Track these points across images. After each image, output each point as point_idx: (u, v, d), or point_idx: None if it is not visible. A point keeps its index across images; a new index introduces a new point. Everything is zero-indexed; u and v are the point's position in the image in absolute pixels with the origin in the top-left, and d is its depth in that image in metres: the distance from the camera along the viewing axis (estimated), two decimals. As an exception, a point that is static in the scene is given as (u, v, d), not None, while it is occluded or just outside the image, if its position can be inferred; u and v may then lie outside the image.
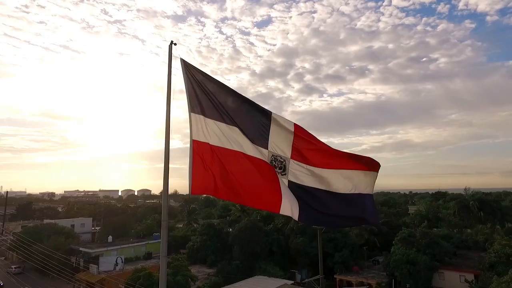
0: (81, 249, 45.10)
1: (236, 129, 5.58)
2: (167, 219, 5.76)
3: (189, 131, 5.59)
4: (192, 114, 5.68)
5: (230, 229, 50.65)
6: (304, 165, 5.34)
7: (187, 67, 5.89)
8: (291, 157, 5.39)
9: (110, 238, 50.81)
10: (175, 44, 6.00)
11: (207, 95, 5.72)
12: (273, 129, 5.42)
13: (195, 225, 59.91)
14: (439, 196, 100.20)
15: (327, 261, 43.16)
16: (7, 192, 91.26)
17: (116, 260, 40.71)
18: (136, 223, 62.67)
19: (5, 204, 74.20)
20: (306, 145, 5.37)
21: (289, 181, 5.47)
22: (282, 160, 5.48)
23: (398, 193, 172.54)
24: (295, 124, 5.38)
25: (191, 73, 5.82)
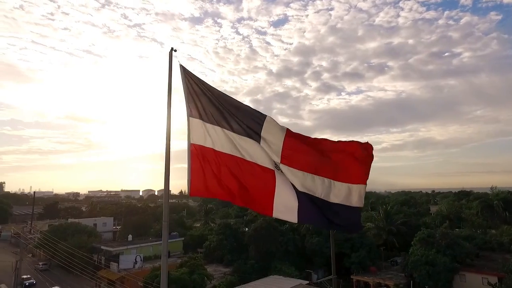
0: (102, 247, 46.71)
1: (232, 133, 5.77)
2: (168, 220, 6.01)
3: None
4: (190, 118, 5.91)
5: (247, 229, 51.01)
6: (293, 169, 5.34)
7: (185, 73, 6.12)
8: (281, 162, 5.44)
9: (130, 237, 52.33)
10: (175, 50, 6.25)
11: (205, 100, 5.94)
12: (264, 131, 5.49)
13: (212, 225, 60.71)
14: (463, 195, 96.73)
15: (343, 261, 42.75)
16: (34, 192, 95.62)
17: (135, 258, 41.93)
18: (155, 223, 64.20)
19: (33, 204, 77.83)
20: (297, 148, 5.40)
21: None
22: (277, 164, 5.61)
23: (419, 192, 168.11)
24: (287, 129, 5.48)
25: (190, 80, 6.05)
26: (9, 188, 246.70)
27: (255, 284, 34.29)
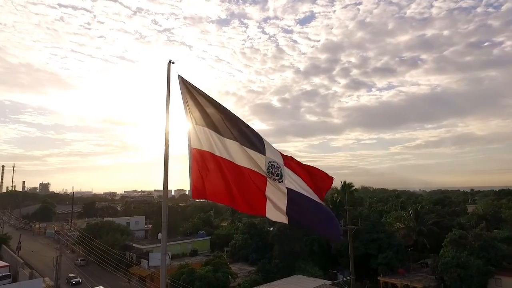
0: (134, 245, 49.08)
1: (229, 140, 6.13)
2: (167, 221, 6.50)
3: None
4: (190, 124, 6.31)
5: (271, 228, 51.32)
6: (292, 172, 5.78)
7: (184, 83, 6.54)
8: (284, 164, 5.78)
9: (159, 236, 54.45)
10: (173, 62, 6.69)
11: (203, 108, 6.32)
12: (266, 141, 5.91)
13: (238, 224, 61.60)
14: (504, 194, 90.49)
15: (370, 262, 41.86)
16: (73, 193, 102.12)
17: (164, 256, 43.59)
18: (183, 221, 66.26)
19: (72, 204, 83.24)
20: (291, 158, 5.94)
21: (287, 188, 5.93)
22: (278, 166, 5.86)
23: (457, 191, 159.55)
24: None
25: (189, 89, 6.43)
26: (54, 188, 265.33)
27: (278, 283, 34.55)
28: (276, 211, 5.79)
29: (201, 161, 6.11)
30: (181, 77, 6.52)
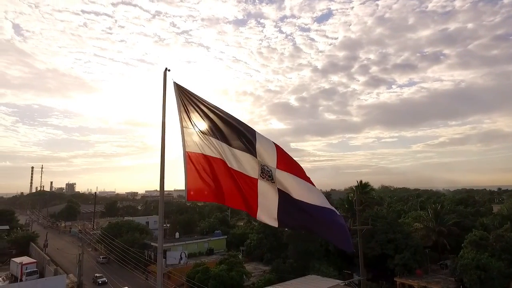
0: (152, 243, 50.43)
1: (223, 144, 6.42)
2: (163, 222, 6.91)
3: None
4: (185, 129, 6.67)
5: (286, 228, 51.39)
6: (288, 174, 5.81)
7: (179, 89, 6.89)
8: (277, 167, 5.88)
9: (177, 235, 55.72)
10: (169, 70, 7.05)
11: (198, 113, 6.63)
12: (258, 142, 5.98)
13: (254, 224, 61.96)
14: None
15: (387, 263, 41.20)
16: (95, 193, 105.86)
17: (181, 254, 44.67)
18: (200, 221, 67.38)
19: (94, 203, 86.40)
20: (287, 158, 5.96)
21: (278, 189, 6.16)
22: (269, 170, 6.02)
23: (483, 190, 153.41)
24: (275, 144, 5.99)
25: (184, 95, 6.76)
26: (79, 188, 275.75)
27: (292, 282, 34.66)
28: (267, 214, 6.00)
29: (196, 164, 6.33)
30: (176, 83, 6.87)
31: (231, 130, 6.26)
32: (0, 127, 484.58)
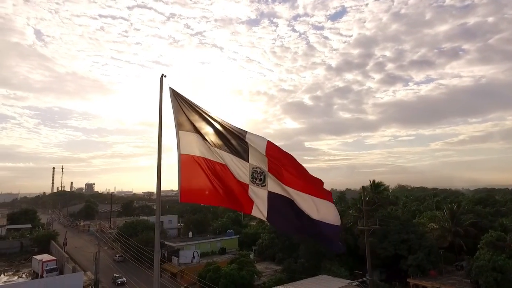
0: (166, 243, 51.44)
1: (216, 148, 6.65)
2: (160, 221, 7.25)
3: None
4: (180, 131, 6.87)
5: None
6: (279, 181, 5.95)
7: (175, 95, 7.20)
8: (268, 171, 6.06)
9: (190, 234, 56.60)
10: (165, 76, 7.35)
11: (193, 117, 6.90)
12: (250, 145, 6.16)
13: (266, 223, 62.19)
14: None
15: (400, 264, 40.62)
16: (111, 193, 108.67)
17: (193, 254, 45.39)
18: (213, 220, 68.13)
19: (111, 203, 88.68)
20: (277, 162, 6.04)
21: (268, 191, 6.38)
22: (262, 172, 6.21)
23: (505, 189, 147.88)
24: (267, 141, 6.06)
25: (179, 100, 7.06)
26: (98, 188, 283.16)
27: (302, 282, 34.66)
28: (260, 214, 6.24)
29: (190, 166, 6.56)
30: (172, 89, 7.18)
31: (223, 134, 6.44)
32: (23, 129, 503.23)
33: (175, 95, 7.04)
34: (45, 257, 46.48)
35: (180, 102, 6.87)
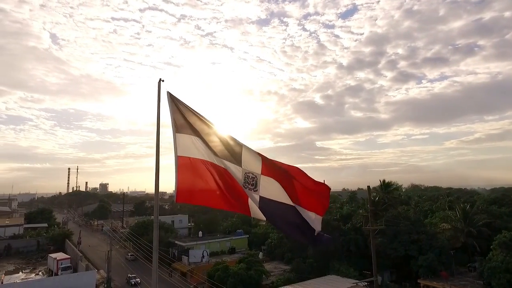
0: (176, 242, 52.17)
1: (211, 153, 6.88)
2: (158, 221, 7.51)
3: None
4: (177, 134, 7.03)
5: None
6: (273, 180, 6.11)
7: (172, 98, 7.45)
8: (262, 173, 6.22)
9: (200, 233, 57.19)
10: (163, 81, 7.58)
11: (190, 120, 7.10)
12: (244, 149, 6.37)
13: (275, 223, 62.23)
14: None
15: (410, 264, 40.16)
16: (123, 193, 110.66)
17: (202, 253, 45.90)
18: (223, 220, 68.63)
19: (123, 203, 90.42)
20: (272, 165, 6.20)
21: (260, 196, 6.56)
22: (254, 177, 6.36)
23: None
24: (262, 156, 6.30)
25: (176, 104, 7.30)
26: (112, 188, 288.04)
27: (310, 282, 34.73)
28: (257, 213, 6.43)
29: (186, 168, 6.76)
30: (169, 93, 7.42)
31: (217, 139, 6.63)
32: (40, 131, 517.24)
33: (172, 99, 7.29)
34: (60, 255, 47.79)
35: (177, 106, 7.07)
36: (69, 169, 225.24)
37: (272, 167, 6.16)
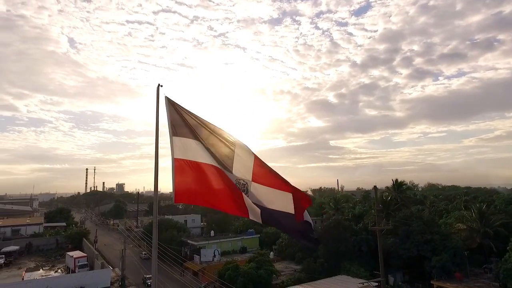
0: (188, 241, 52.97)
1: (210, 153, 7.17)
2: (157, 221, 7.87)
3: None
4: (174, 137, 7.38)
5: (320, 227, 51.08)
6: (263, 186, 6.36)
7: (170, 103, 7.76)
8: (252, 180, 6.45)
9: (212, 233, 57.86)
10: (161, 86, 7.94)
11: (187, 123, 7.37)
12: (236, 155, 6.58)
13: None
14: None
15: (423, 265, 39.49)
16: (138, 193, 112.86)
17: (214, 252, 46.47)
18: (235, 220, 69.11)
19: (137, 203, 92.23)
20: (264, 170, 6.46)
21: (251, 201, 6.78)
22: (245, 183, 6.57)
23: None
24: (254, 155, 6.50)
25: (174, 108, 7.59)
26: (128, 188, 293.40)
27: (320, 282, 34.74)
28: (254, 215, 6.67)
29: (183, 170, 6.96)
30: (167, 98, 7.70)
31: (212, 143, 6.86)
32: (59, 132, 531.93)
33: (170, 103, 7.59)
34: (77, 253, 49.35)
35: (175, 110, 7.34)
36: (86, 169, 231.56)
37: (263, 172, 6.33)
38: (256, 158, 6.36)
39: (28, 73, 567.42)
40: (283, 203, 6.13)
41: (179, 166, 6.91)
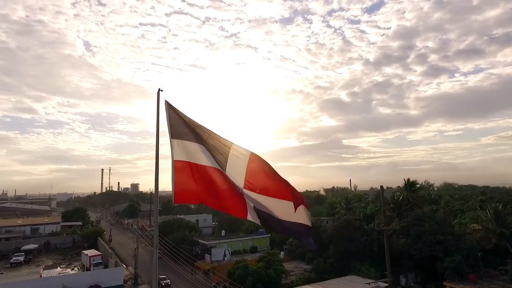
0: (200, 240, 53.65)
1: (209, 155, 7.44)
2: (157, 221, 8.21)
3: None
4: (173, 140, 7.65)
5: (331, 227, 50.87)
6: (255, 194, 6.38)
7: (169, 107, 8.07)
8: (244, 187, 6.49)
9: (223, 232, 58.38)
10: (161, 90, 8.23)
11: (186, 126, 7.58)
12: (230, 159, 6.68)
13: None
14: None
15: (436, 266, 38.85)
16: (151, 193, 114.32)
17: (224, 251, 46.93)
18: (245, 219, 69.45)
19: (150, 203, 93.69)
20: (258, 175, 6.45)
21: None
22: (239, 188, 6.59)
23: None
24: (251, 159, 6.55)
25: (173, 112, 7.87)
26: (142, 188, 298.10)
27: (330, 282, 34.65)
28: (252, 217, 6.89)
29: (182, 171, 7.14)
30: (167, 102, 7.97)
31: (209, 147, 7.04)
32: (76, 134, 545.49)
33: (170, 107, 7.89)
34: (92, 252, 50.66)
35: (174, 114, 7.62)
36: (102, 170, 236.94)
37: (258, 179, 6.37)
38: (252, 162, 6.40)
39: (46, 77, 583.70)
40: (281, 210, 6.10)
41: (178, 167, 7.13)
